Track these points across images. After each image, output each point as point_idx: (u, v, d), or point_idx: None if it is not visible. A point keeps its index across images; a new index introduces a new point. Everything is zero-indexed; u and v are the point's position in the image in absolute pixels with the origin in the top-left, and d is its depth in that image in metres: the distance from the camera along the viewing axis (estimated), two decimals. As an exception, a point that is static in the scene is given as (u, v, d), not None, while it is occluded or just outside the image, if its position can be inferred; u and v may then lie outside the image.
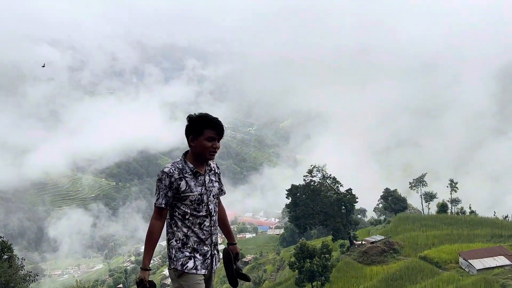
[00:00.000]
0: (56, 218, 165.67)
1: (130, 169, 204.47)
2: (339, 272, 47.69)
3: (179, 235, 3.81)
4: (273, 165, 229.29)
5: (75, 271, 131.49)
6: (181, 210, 3.80)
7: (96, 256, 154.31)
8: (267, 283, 60.46)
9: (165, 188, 3.75)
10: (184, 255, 3.80)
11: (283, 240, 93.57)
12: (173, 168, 3.81)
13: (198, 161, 3.91)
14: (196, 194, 3.81)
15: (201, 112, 3.99)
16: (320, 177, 55.59)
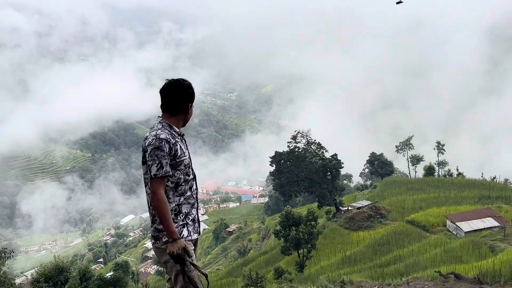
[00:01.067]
0: (29, 193, 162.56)
1: (106, 139, 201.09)
2: (326, 239, 47.20)
3: (171, 206, 3.66)
4: (256, 131, 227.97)
5: (53, 246, 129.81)
6: (175, 178, 3.69)
7: (73, 231, 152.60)
8: (252, 253, 59.77)
9: (166, 155, 3.58)
10: (178, 224, 3.68)
11: (267, 208, 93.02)
12: (167, 133, 3.66)
13: (183, 126, 3.89)
14: (187, 157, 3.76)
15: (182, 78, 3.86)
16: (305, 143, 54.22)
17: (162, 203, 3.53)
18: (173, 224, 3.53)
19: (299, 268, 39.09)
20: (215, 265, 68.81)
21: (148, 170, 3.59)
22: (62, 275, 28.97)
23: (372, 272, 31.28)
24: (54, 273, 28.82)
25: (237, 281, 35.81)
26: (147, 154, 3.59)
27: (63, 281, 29.00)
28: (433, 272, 24.00)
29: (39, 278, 28.96)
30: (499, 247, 33.41)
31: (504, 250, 31.21)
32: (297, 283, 26.04)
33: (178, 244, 3.47)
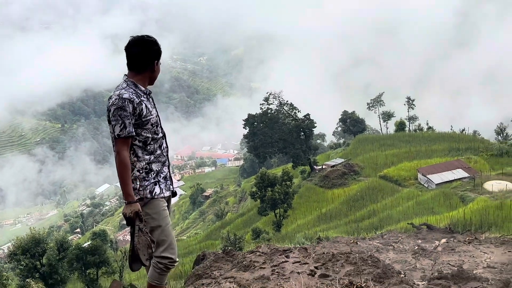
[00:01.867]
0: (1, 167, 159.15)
1: (75, 109, 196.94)
2: (301, 198, 47.83)
3: (141, 164, 3.63)
4: (228, 95, 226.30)
5: (28, 219, 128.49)
6: (142, 137, 3.62)
7: (48, 203, 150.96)
8: (229, 215, 60.32)
9: (129, 116, 3.51)
10: (150, 182, 3.64)
11: (243, 171, 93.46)
12: (130, 92, 3.57)
13: (149, 84, 3.78)
14: (154, 116, 3.68)
15: (147, 35, 3.80)
16: (277, 104, 54.18)
17: (123, 165, 3.50)
18: (130, 187, 3.49)
19: (276, 228, 39.67)
20: (193, 229, 69.41)
21: (112, 130, 3.54)
22: (39, 246, 28.89)
23: (348, 227, 32.00)
24: (31, 245, 28.71)
25: (215, 243, 36.22)
26: (111, 114, 3.53)
27: (40, 253, 28.93)
28: (406, 224, 24.71)
29: (16, 251, 28.82)
30: (469, 197, 34.36)
31: (474, 200, 32.13)
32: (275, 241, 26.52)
33: (131, 207, 3.45)
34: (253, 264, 6.49)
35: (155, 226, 3.64)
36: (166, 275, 3.75)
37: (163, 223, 3.65)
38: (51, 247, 29.67)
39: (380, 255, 8.85)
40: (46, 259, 29.16)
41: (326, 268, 6.15)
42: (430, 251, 10.74)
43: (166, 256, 3.65)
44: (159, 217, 3.65)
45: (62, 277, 28.98)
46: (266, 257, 6.76)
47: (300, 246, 9.18)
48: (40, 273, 28.78)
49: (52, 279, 28.57)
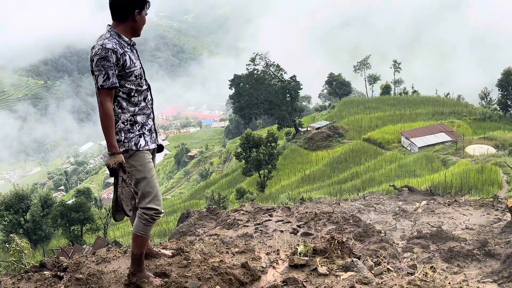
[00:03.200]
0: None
1: (58, 66, 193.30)
2: (286, 159, 48.11)
3: (125, 116, 3.59)
4: (214, 55, 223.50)
5: (11, 176, 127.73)
6: (126, 88, 3.56)
7: (31, 160, 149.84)
8: (214, 175, 60.65)
9: (112, 66, 3.42)
10: (135, 134, 3.61)
11: (228, 132, 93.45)
12: (114, 43, 3.47)
13: (133, 36, 3.67)
14: (138, 68, 3.61)
15: None
16: (264, 65, 53.77)
17: (107, 116, 3.46)
18: (114, 138, 3.47)
19: (260, 188, 40.03)
20: (178, 189, 69.78)
21: (96, 81, 3.48)
22: (23, 203, 28.92)
23: (331, 189, 32.44)
24: (14, 201, 28.73)
25: (200, 203, 36.52)
26: (94, 64, 3.46)
27: (24, 209, 28.99)
28: (388, 186, 25.16)
29: (0, 206, 28.82)
30: (451, 160, 34.87)
31: (455, 163, 32.65)
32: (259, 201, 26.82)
33: (115, 159, 3.44)
34: (236, 222, 6.57)
35: (140, 178, 3.63)
36: (151, 226, 3.76)
37: (148, 175, 3.64)
38: (35, 204, 29.71)
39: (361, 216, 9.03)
40: (30, 215, 29.25)
41: (309, 226, 6.25)
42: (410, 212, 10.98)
43: (152, 207, 3.65)
44: (144, 169, 3.63)
45: (46, 233, 29.17)
46: (250, 216, 6.84)
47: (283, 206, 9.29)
48: (24, 229, 28.91)
49: (36, 235, 28.73)
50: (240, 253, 4.15)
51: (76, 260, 4.00)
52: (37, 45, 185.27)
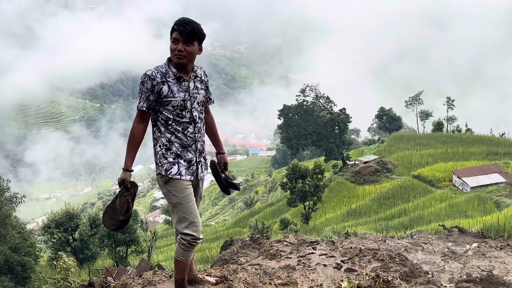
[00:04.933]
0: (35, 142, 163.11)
1: (114, 90, 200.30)
2: (332, 192, 47.45)
3: (162, 140, 3.76)
4: (264, 84, 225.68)
5: (63, 194, 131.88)
6: (164, 115, 3.72)
7: (83, 180, 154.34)
8: (258, 204, 60.58)
9: (147, 91, 3.67)
10: (168, 160, 3.74)
11: (274, 161, 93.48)
12: (156, 71, 3.69)
13: (175, 66, 3.73)
14: (178, 100, 3.70)
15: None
16: (313, 96, 53.83)
17: (131, 134, 3.74)
18: (130, 156, 3.72)
19: (305, 220, 39.58)
20: (222, 216, 70.06)
21: None
22: (72, 221, 29.70)
23: (377, 225, 31.65)
24: (64, 220, 29.54)
25: (243, 231, 36.44)
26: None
27: (73, 227, 29.75)
28: (437, 226, 24.29)
29: (50, 224, 29.70)
30: (504, 203, 33.47)
31: (509, 206, 31.25)
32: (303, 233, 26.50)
33: (122, 174, 3.70)
34: (279, 253, 6.53)
35: (175, 203, 3.74)
36: (190, 251, 3.85)
37: (183, 201, 3.73)
38: (84, 223, 30.43)
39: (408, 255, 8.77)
40: (78, 234, 29.94)
41: (353, 262, 6.14)
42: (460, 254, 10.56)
43: (189, 233, 3.74)
44: (179, 195, 3.73)
45: (93, 252, 29.71)
46: (293, 247, 6.79)
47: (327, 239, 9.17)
48: (71, 247, 29.58)
49: (83, 254, 29.33)
50: (283, 285, 4.13)
51: (123, 282, 4.10)
52: (95, 69, 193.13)
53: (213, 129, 4.37)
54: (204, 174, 4.06)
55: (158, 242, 33.81)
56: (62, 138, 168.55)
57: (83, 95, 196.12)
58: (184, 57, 3.66)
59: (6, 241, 20.61)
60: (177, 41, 3.63)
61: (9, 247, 21.15)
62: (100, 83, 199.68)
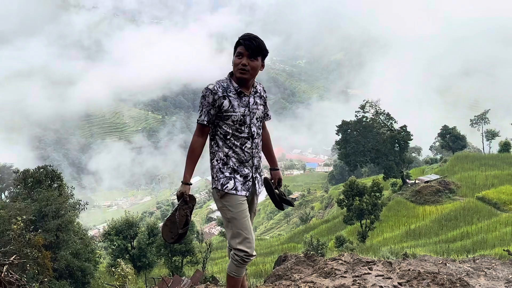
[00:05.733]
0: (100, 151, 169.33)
1: (176, 102, 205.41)
2: (390, 211, 46.37)
3: (220, 155, 3.78)
4: (323, 100, 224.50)
5: (124, 202, 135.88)
6: (223, 130, 3.76)
7: (143, 189, 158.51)
8: (314, 220, 59.96)
9: (208, 105, 3.72)
10: (224, 175, 3.76)
11: (331, 177, 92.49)
12: (218, 86, 3.73)
13: (237, 81, 3.75)
14: (238, 115, 3.73)
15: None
16: (373, 112, 52.99)
17: (190, 147, 3.79)
18: (189, 169, 3.76)
19: (361, 238, 38.82)
20: (276, 230, 69.88)
21: None
22: (131, 229, 30.53)
23: (437, 247, 30.54)
24: (124, 227, 30.41)
25: (298, 246, 36.16)
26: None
27: (132, 235, 30.56)
28: (501, 250, 23.14)
29: (110, 231, 30.65)
30: None
31: None
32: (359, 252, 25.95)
33: (181, 188, 3.76)
34: (334, 271, 6.41)
35: (230, 217, 3.76)
36: (243, 267, 3.83)
37: (238, 216, 3.74)
38: (142, 232, 31.20)
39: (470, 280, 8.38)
40: (136, 242, 30.73)
41: (411, 285, 5.94)
42: (526, 282, 9.97)
43: (242, 249, 3.73)
44: (234, 210, 3.74)
45: (150, 261, 30.36)
46: (348, 267, 6.64)
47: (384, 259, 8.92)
48: (130, 255, 30.37)
49: (140, 262, 30.03)
50: (336, 305, 4.03)
51: (177, 292, 4.14)
52: (158, 82, 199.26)
53: (269, 145, 4.32)
54: (260, 190, 4.04)
55: (213, 253, 34.07)
56: (124, 148, 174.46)
57: (145, 107, 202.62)
58: (247, 72, 3.68)
59: (68, 246, 21.45)
60: (242, 56, 3.66)
61: (70, 252, 21.99)
62: (162, 95, 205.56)
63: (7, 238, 16.62)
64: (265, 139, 4.23)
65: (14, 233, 16.03)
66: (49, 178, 23.96)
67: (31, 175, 23.72)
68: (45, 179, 23.72)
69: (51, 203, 20.80)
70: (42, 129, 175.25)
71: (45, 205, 20.62)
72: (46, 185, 23.21)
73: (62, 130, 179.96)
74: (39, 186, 23.09)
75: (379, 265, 6.81)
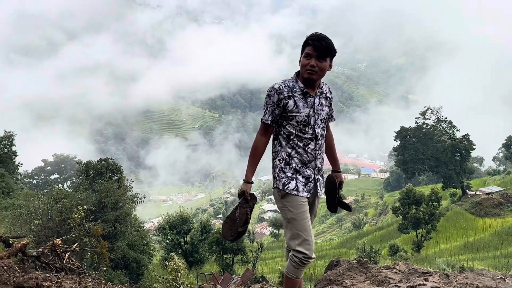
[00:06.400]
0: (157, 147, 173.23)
1: (233, 102, 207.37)
2: (448, 222, 44.96)
3: (282, 154, 3.76)
4: (382, 104, 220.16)
5: (178, 198, 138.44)
6: (287, 130, 3.73)
7: (198, 186, 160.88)
8: (367, 227, 58.97)
9: (272, 105, 3.68)
10: (286, 175, 3.73)
11: (387, 184, 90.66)
12: (283, 85, 3.68)
13: (304, 82, 3.70)
14: (303, 115, 3.69)
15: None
16: (434, 120, 51.48)
17: (253, 146, 3.77)
18: (251, 168, 3.77)
19: (416, 248, 37.90)
20: (328, 235, 69.17)
21: None
22: (185, 225, 31.09)
23: (496, 261, 29.35)
24: (178, 222, 31.03)
25: (349, 252, 35.69)
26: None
27: (185, 231, 31.12)
28: None
29: (165, 225, 31.37)
30: None
31: None
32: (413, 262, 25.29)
33: (243, 186, 3.76)
34: (388, 280, 6.28)
35: (290, 218, 3.72)
36: (301, 269, 3.79)
37: (298, 217, 3.70)
38: (195, 228, 31.71)
39: (532, 299, 7.99)
40: (189, 237, 31.25)
41: (468, 300, 5.73)
42: None
43: (301, 250, 3.69)
44: (295, 211, 3.70)
45: (201, 257, 30.79)
46: (403, 276, 6.49)
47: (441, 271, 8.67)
48: (182, 250, 30.93)
49: (192, 257, 30.52)
50: (390, 314, 3.95)
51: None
52: (217, 81, 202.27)
53: (332, 147, 4.31)
54: (321, 192, 4.01)
55: (263, 253, 34.17)
56: (180, 145, 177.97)
57: (203, 105, 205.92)
58: (315, 73, 3.63)
59: (124, 237, 22.13)
60: (310, 56, 3.61)
61: (127, 244, 22.68)
62: (220, 95, 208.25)
63: (68, 226, 17.33)
64: (329, 141, 4.21)
65: (74, 222, 16.65)
66: (110, 170, 24.82)
67: (93, 167, 24.63)
68: (106, 171, 24.58)
69: (111, 194, 21.51)
70: (103, 124, 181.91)
71: (105, 196, 21.33)
72: (106, 177, 24.05)
73: (123, 125, 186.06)
74: (100, 177, 23.94)
75: (435, 277, 6.62)
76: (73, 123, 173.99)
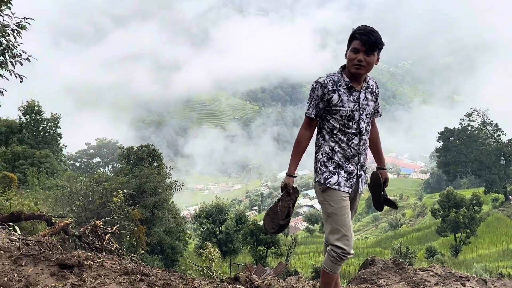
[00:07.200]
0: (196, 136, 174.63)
1: (274, 95, 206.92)
2: (488, 227, 43.87)
3: (325, 148, 3.71)
4: (426, 104, 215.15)
5: (215, 188, 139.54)
6: (330, 124, 3.68)
7: (235, 177, 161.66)
8: (404, 228, 58.06)
9: (317, 99, 3.63)
10: (328, 169, 3.69)
11: (427, 185, 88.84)
12: (328, 79, 3.63)
13: (351, 76, 3.63)
14: (347, 110, 3.62)
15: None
16: (480, 122, 50.11)
17: (297, 140, 3.73)
18: (294, 161, 3.72)
19: (454, 252, 37.16)
20: (364, 233, 68.48)
21: None
22: (221, 214, 31.45)
23: (538, 271, 28.44)
24: (214, 212, 31.42)
25: (384, 252, 35.30)
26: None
27: (221, 220, 31.48)
28: None
29: (201, 214, 31.82)
30: None
31: None
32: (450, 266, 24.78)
33: (285, 179, 3.73)
34: (423, 282, 6.19)
35: (330, 212, 3.68)
36: (339, 265, 3.74)
37: (338, 212, 3.65)
38: (231, 218, 32.02)
39: None
40: (224, 227, 31.61)
41: (506, 308, 5.59)
42: None
43: (339, 245, 3.64)
44: (335, 205, 3.65)
45: (236, 247, 31.09)
46: (439, 279, 6.38)
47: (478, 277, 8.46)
48: (217, 239, 31.31)
49: (226, 247, 30.85)
50: (425, 316, 3.90)
51: (267, 282, 4.19)
52: (258, 73, 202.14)
53: (377, 143, 4.21)
54: (363, 188, 3.92)
55: (297, 248, 34.18)
56: (219, 135, 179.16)
57: (243, 97, 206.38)
58: (363, 68, 3.55)
59: (161, 223, 22.56)
60: (358, 51, 3.53)
61: (163, 230, 23.11)
62: (261, 87, 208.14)
63: (108, 209, 17.80)
64: (374, 137, 4.10)
65: (114, 205, 17.10)
66: (150, 156, 25.29)
67: (134, 152, 25.16)
68: (147, 157, 25.06)
69: (150, 180, 21.91)
70: (145, 111, 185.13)
71: (144, 181, 21.74)
72: (147, 163, 24.53)
73: (164, 113, 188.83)
74: (140, 163, 24.44)
75: (473, 282, 6.48)
76: (116, 109, 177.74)
